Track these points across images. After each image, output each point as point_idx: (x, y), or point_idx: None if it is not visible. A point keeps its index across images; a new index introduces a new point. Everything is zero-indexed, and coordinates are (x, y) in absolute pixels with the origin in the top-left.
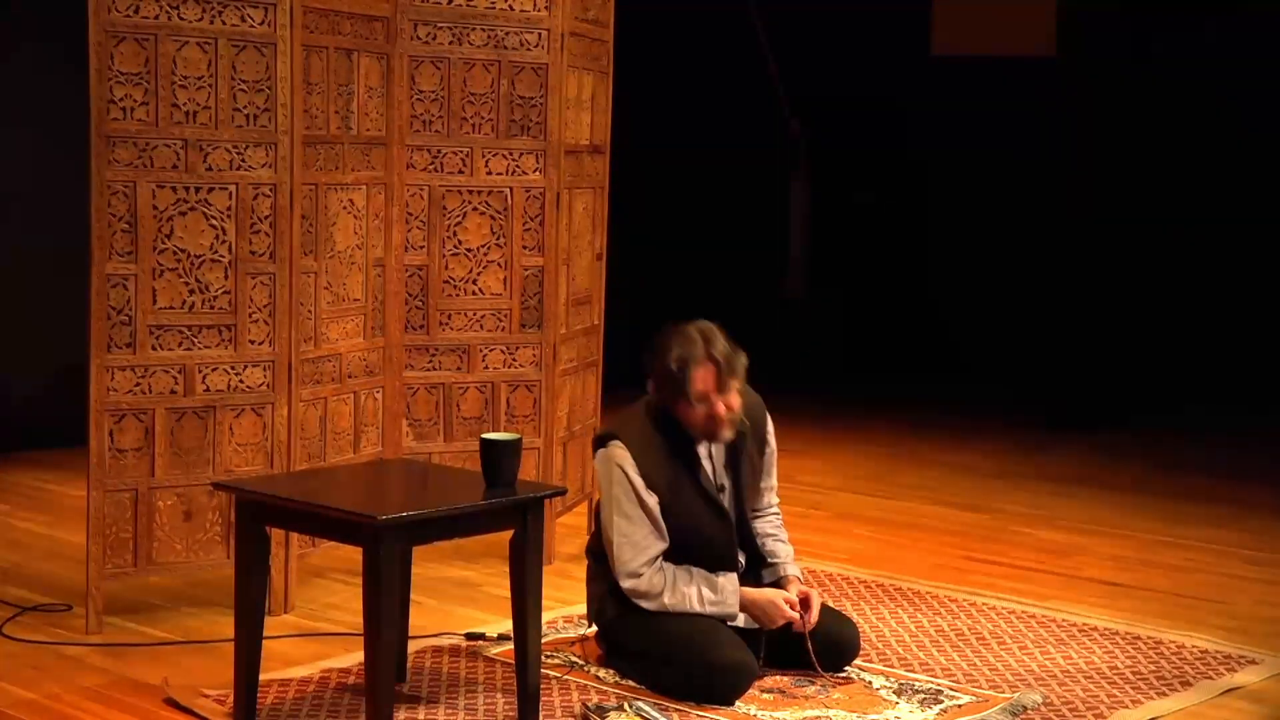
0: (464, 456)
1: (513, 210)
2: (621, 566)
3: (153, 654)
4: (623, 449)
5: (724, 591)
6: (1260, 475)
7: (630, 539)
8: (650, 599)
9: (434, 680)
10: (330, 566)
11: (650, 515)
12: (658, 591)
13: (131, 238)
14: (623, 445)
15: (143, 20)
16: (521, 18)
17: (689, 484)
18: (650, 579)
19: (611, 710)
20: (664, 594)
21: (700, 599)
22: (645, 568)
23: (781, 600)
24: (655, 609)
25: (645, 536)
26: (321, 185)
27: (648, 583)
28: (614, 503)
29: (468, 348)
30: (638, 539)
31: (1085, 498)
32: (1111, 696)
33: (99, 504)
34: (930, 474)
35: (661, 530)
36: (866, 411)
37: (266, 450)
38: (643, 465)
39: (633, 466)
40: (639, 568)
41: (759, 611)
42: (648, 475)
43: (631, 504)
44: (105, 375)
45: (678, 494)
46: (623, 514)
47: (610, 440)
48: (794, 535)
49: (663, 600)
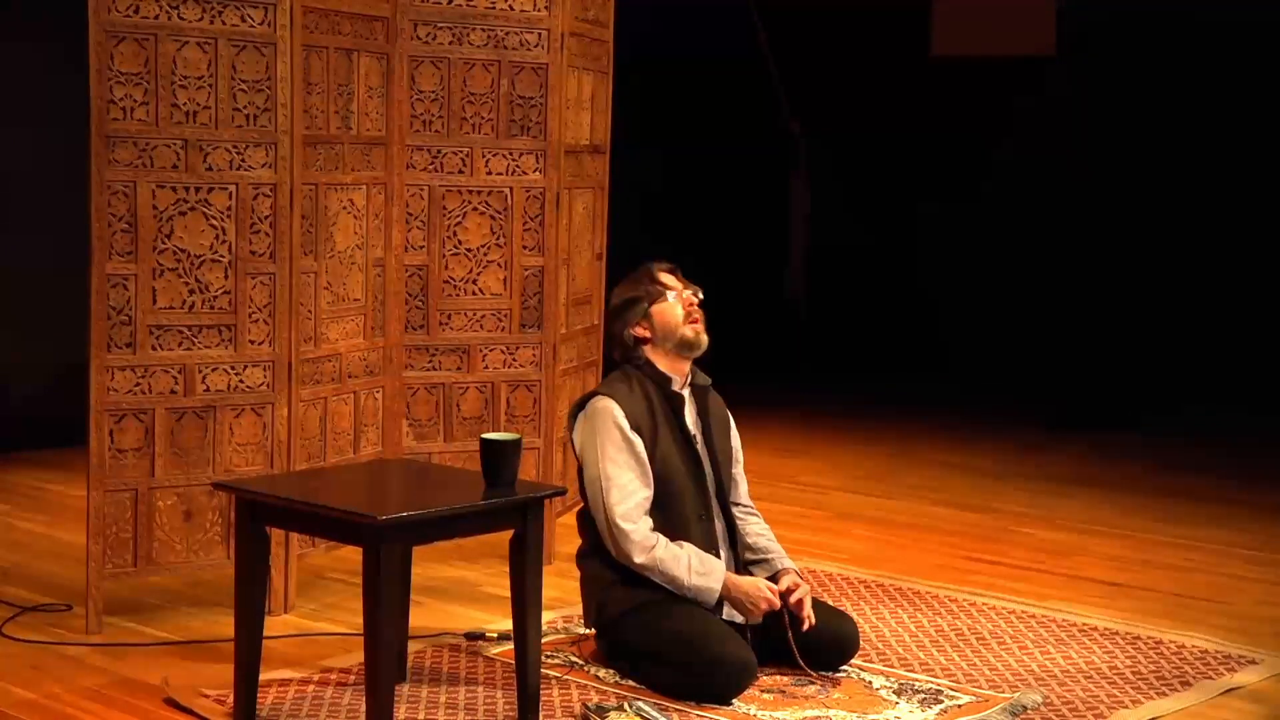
0: (464, 456)
1: (513, 210)
2: (613, 510)
3: (153, 654)
4: (605, 399)
5: (712, 566)
6: (1260, 475)
7: (618, 483)
8: (642, 550)
9: (434, 680)
10: (330, 566)
11: (637, 457)
12: (651, 543)
13: (131, 238)
14: (604, 397)
15: (143, 20)
16: (521, 18)
17: (669, 431)
18: (643, 530)
19: (611, 710)
20: (656, 548)
21: (688, 566)
22: (638, 514)
23: (764, 586)
24: (643, 564)
25: (633, 480)
26: (321, 185)
27: (641, 533)
28: (600, 452)
29: (468, 348)
30: (625, 482)
31: (1085, 498)
32: (1111, 696)
33: (99, 504)
34: (930, 474)
35: (648, 474)
36: (866, 411)
37: (266, 450)
38: (625, 408)
39: (618, 410)
40: (631, 512)
41: (742, 595)
42: (631, 416)
43: (618, 449)
44: (105, 375)
45: (658, 441)
46: (610, 459)
47: (590, 399)
48: (794, 535)
49: (654, 553)
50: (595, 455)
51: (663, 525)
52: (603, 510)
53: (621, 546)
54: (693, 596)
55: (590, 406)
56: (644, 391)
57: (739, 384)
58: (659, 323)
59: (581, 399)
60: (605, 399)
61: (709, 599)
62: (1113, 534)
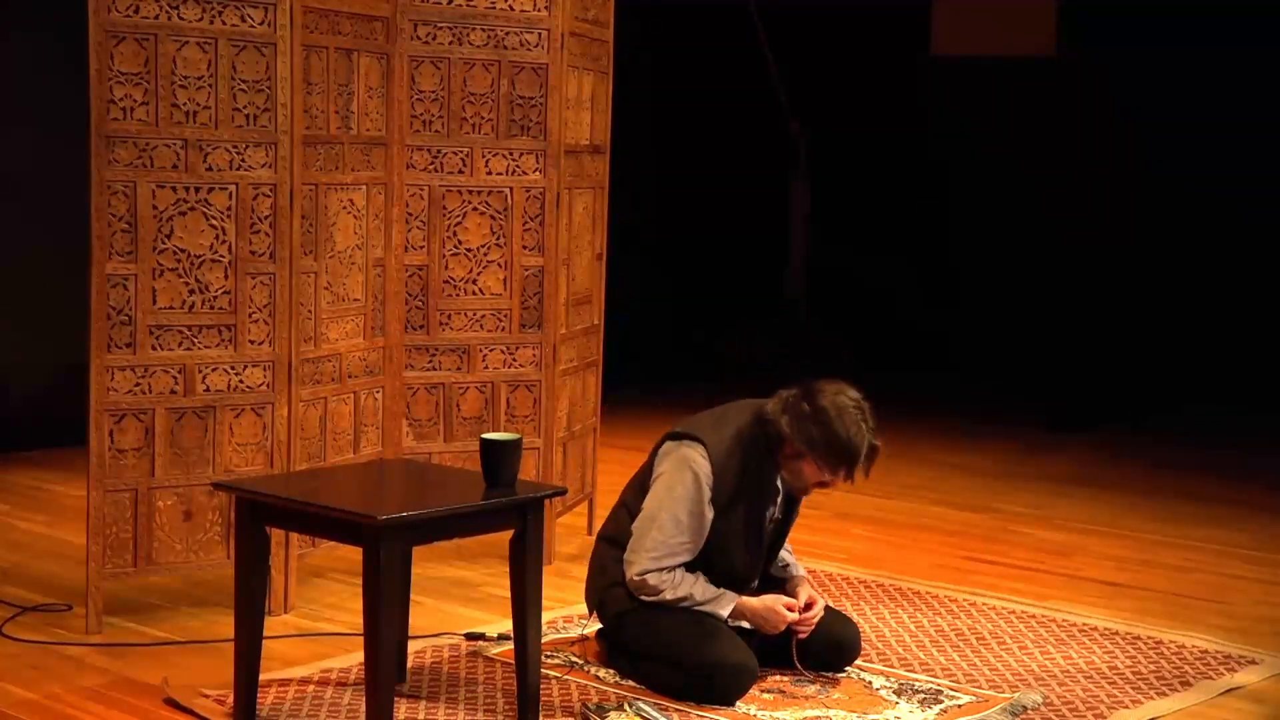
0: (464, 456)
1: (513, 210)
2: (644, 558)
3: (153, 654)
4: (705, 459)
5: (723, 595)
6: (1260, 475)
7: (667, 540)
8: (652, 594)
9: (434, 680)
10: (330, 566)
11: (699, 528)
12: (663, 588)
13: (131, 238)
14: (705, 454)
15: (143, 20)
16: (521, 18)
17: (745, 511)
18: (661, 577)
19: (611, 710)
20: (665, 591)
21: (701, 595)
22: (665, 570)
23: (781, 605)
24: (652, 602)
25: (681, 545)
26: (321, 185)
27: (657, 578)
28: (674, 501)
29: (468, 348)
30: (674, 544)
31: (1085, 498)
32: (1111, 696)
33: (99, 504)
34: (930, 474)
35: (698, 544)
36: None
37: (266, 450)
38: (718, 480)
39: (708, 478)
40: (658, 566)
41: (759, 619)
42: (717, 490)
43: (688, 512)
44: (105, 375)
45: (731, 514)
46: (673, 515)
47: (694, 441)
48: (794, 535)
49: (663, 596)
50: (665, 497)
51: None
52: (637, 544)
53: (633, 581)
54: None
55: (688, 450)
56: (744, 462)
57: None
58: (798, 467)
59: (685, 428)
60: (705, 460)
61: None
62: (1113, 534)
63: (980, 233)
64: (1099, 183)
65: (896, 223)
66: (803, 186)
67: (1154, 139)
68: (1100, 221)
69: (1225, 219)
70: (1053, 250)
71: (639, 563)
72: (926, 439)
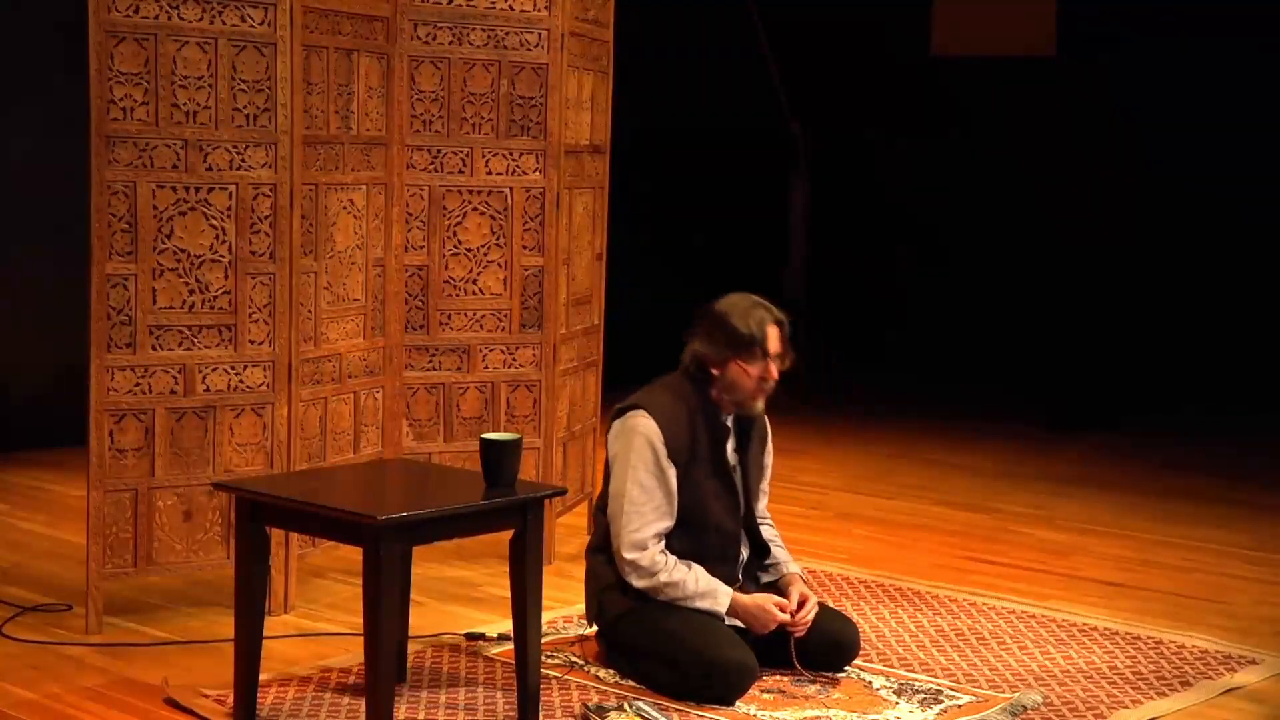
0: (464, 456)
1: (513, 210)
2: (626, 535)
3: (153, 654)
4: (648, 418)
5: (715, 590)
6: (1260, 475)
7: (639, 508)
8: (647, 576)
9: (434, 680)
10: (330, 566)
11: (666, 488)
12: (657, 569)
13: (131, 238)
14: (648, 415)
15: (143, 20)
16: (521, 18)
17: (707, 459)
18: (653, 555)
19: (611, 710)
20: (660, 573)
21: (693, 586)
22: (651, 541)
23: (772, 605)
24: (647, 587)
25: (654, 509)
26: (321, 185)
27: (650, 558)
28: (631, 471)
29: (468, 348)
30: (647, 510)
31: (1085, 498)
32: (1111, 696)
33: (99, 504)
34: (930, 474)
35: (673, 506)
36: (866, 411)
37: (266, 450)
38: (667, 435)
39: (658, 436)
40: (644, 539)
41: (750, 618)
42: (670, 445)
43: (649, 474)
44: (105, 375)
45: (694, 468)
46: (637, 483)
47: (634, 410)
48: (794, 535)
49: (658, 578)
50: (624, 472)
51: (688, 549)
52: (618, 526)
53: (626, 568)
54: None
55: (631, 420)
56: (689, 414)
57: None
58: (730, 377)
59: (627, 404)
60: (649, 419)
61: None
62: (1113, 534)
63: (980, 233)
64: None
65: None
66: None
67: (1153, 139)
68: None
69: (1225, 219)
70: (1052, 250)
71: (623, 542)
72: (926, 439)
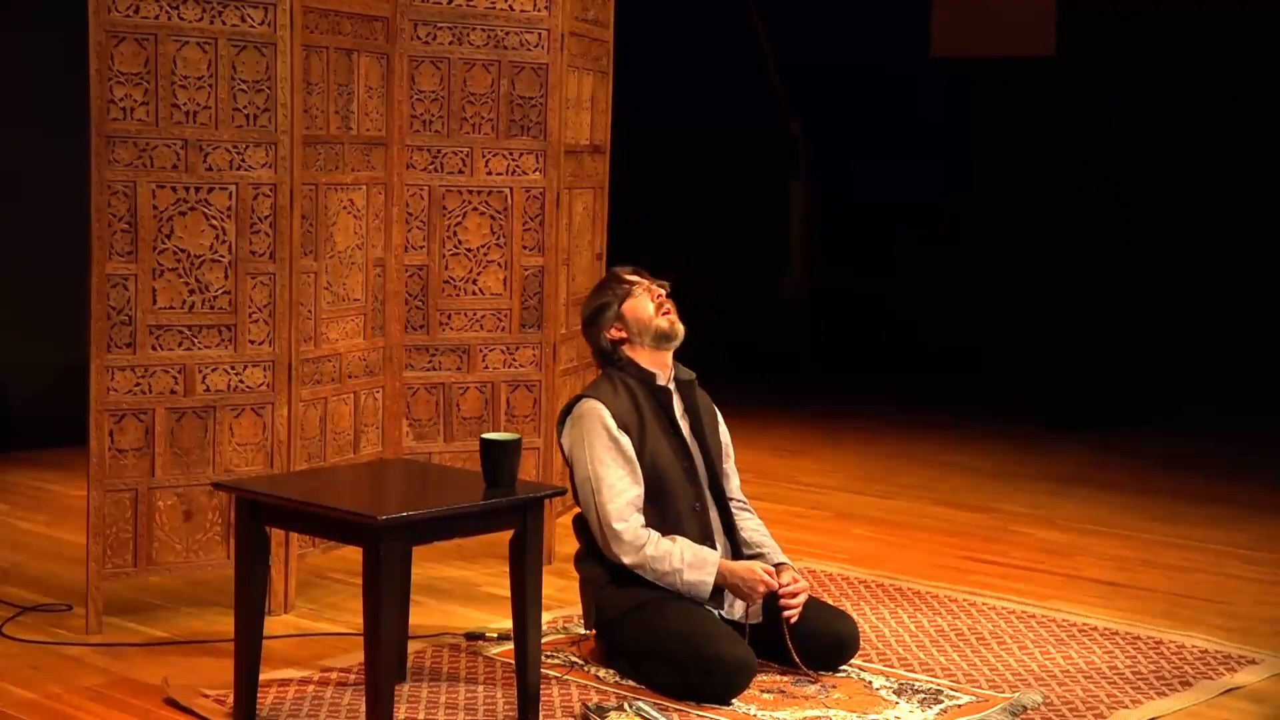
0: (464, 456)
1: (513, 210)
2: (605, 511)
3: (153, 654)
4: (590, 401)
5: (704, 557)
6: (1260, 475)
7: (608, 482)
8: (633, 551)
9: (434, 680)
10: (330, 566)
11: (625, 456)
12: (641, 542)
13: (131, 238)
14: (589, 399)
15: (143, 20)
16: (521, 18)
17: (657, 426)
18: (635, 529)
19: (611, 710)
20: (646, 546)
21: (680, 560)
22: (628, 511)
23: (760, 568)
24: (635, 563)
25: (622, 479)
26: (321, 185)
27: (632, 531)
28: (590, 453)
29: (468, 348)
30: (614, 481)
31: (1085, 498)
32: (1111, 696)
33: (99, 504)
34: (930, 474)
35: (637, 472)
36: (866, 411)
37: (266, 450)
38: (612, 408)
39: (604, 410)
40: (621, 508)
41: (738, 580)
42: (618, 417)
43: (606, 448)
44: (105, 375)
45: (646, 436)
46: (599, 461)
47: (576, 403)
48: (794, 535)
49: (644, 552)
50: (585, 457)
51: (657, 520)
52: (594, 510)
53: (612, 547)
54: (687, 591)
55: (576, 410)
56: (629, 390)
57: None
58: (631, 319)
59: (569, 404)
60: (591, 401)
61: (703, 592)
62: (1112, 534)
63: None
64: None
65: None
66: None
67: (1153, 139)
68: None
69: (1225, 219)
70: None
71: (605, 519)
72: (926, 439)
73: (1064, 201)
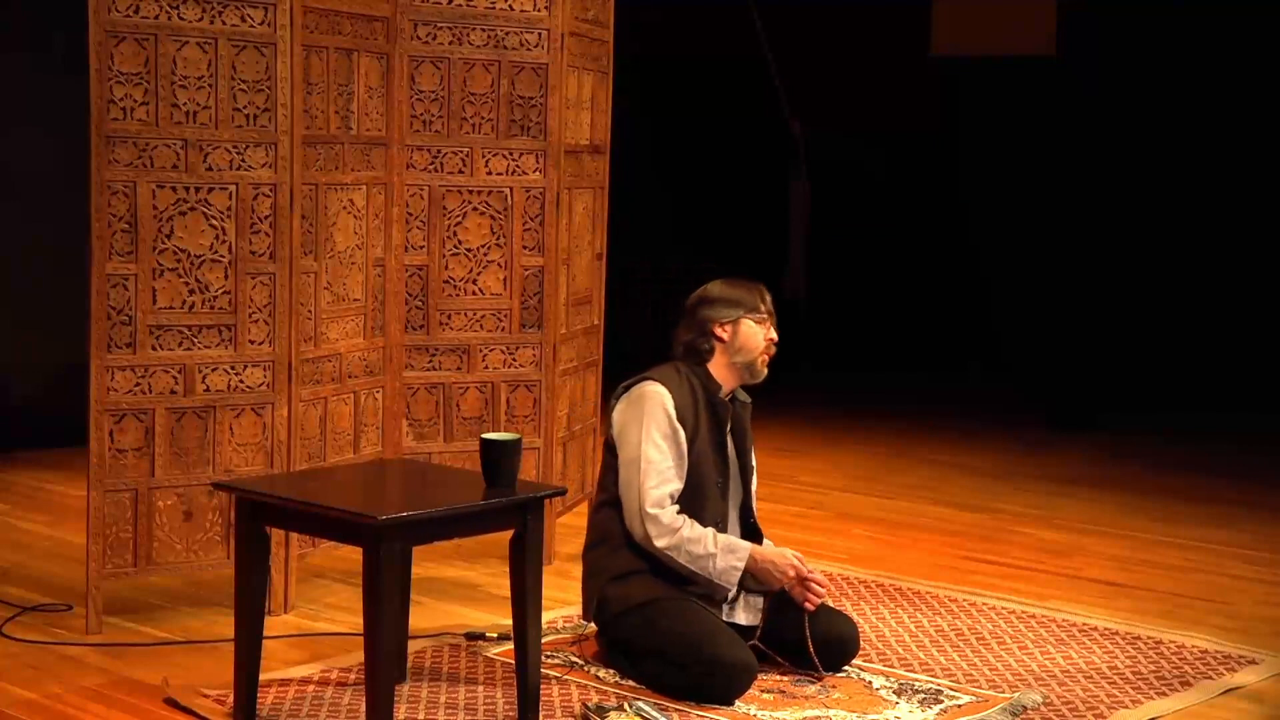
0: (464, 456)
1: (513, 210)
2: (647, 492)
3: (153, 654)
4: (658, 385)
5: (736, 544)
6: (1260, 475)
7: (658, 467)
8: (669, 533)
9: (434, 680)
10: (330, 566)
11: (679, 447)
12: (677, 525)
13: (131, 238)
14: (657, 383)
15: (143, 20)
16: (521, 18)
17: (708, 434)
18: (672, 514)
19: (611, 710)
20: (682, 528)
21: (715, 541)
22: (667, 501)
23: (790, 553)
24: (669, 545)
25: (670, 469)
26: (321, 185)
27: (669, 515)
28: (645, 433)
29: (468, 348)
30: (664, 469)
31: (1085, 498)
32: (1111, 696)
33: (99, 504)
34: (930, 474)
35: (683, 470)
36: (866, 411)
37: (266, 450)
38: (677, 400)
39: (670, 400)
40: (663, 496)
41: (769, 564)
42: (680, 410)
43: (664, 435)
44: (105, 375)
45: (697, 440)
46: (653, 443)
47: (642, 382)
48: (794, 535)
49: (681, 533)
50: (638, 437)
51: None
52: (636, 490)
53: (647, 527)
54: (718, 577)
55: (639, 389)
56: (692, 389)
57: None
58: (743, 336)
59: (630, 382)
60: (657, 385)
61: (732, 580)
62: (1113, 534)
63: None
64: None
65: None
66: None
67: (1154, 139)
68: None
69: (1225, 219)
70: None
71: (645, 500)
72: (926, 439)
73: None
